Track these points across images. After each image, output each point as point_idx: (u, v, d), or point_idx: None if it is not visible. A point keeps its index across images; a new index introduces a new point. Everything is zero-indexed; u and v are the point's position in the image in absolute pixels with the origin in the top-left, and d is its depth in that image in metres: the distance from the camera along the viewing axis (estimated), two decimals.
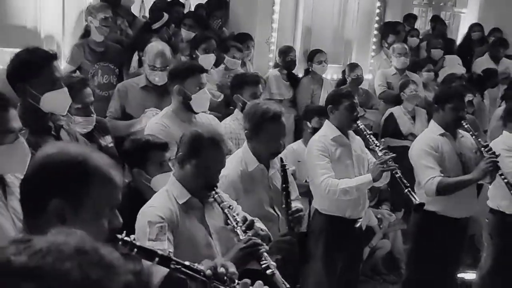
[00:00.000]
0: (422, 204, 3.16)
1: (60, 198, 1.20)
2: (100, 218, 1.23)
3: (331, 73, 5.63)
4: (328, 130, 3.43)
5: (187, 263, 1.36)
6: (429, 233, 3.56)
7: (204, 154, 2.12)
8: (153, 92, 3.67)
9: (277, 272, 1.86)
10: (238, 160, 2.74)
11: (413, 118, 5.23)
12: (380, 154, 3.25)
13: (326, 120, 3.49)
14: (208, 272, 1.35)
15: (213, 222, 2.18)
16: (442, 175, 3.39)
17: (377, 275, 4.84)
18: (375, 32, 6.25)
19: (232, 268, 1.38)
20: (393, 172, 3.16)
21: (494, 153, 3.37)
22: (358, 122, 3.42)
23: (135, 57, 4.52)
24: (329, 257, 3.46)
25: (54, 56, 2.36)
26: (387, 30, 6.27)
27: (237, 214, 2.16)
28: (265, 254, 1.94)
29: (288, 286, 1.79)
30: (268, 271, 1.88)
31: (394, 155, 3.24)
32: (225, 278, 1.35)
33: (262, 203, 2.67)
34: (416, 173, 3.52)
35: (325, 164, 3.28)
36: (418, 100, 5.21)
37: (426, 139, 3.53)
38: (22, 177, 1.93)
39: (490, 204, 3.78)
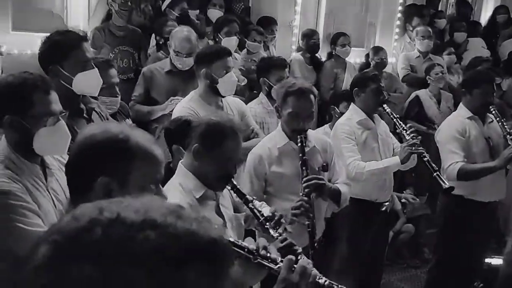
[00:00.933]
0: (451, 188, 3.13)
1: (106, 176, 1.23)
2: (145, 194, 1.26)
3: (354, 57, 5.57)
4: (354, 113, 3.42)
5: (231, 239, 1.38)
6: (457, 217, 3.54)
7: (225, 145, 2.01)
8: (178, 76, 3.69)
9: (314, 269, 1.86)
10: (270, 136, 2.80)
11: (439, 102, 5.17)
12: (408, 137, 3.23)
13: (352, 104, 3.48)
14: (252, 247, 1.36)
15: (225, 211, 2.15)
16: (465, 160, 3.36)
17: (401, 259, 4.84)
18: (399, 15, 6.16)
19: (274, 254, 1.39)
20: (421, 155, 3.14)
21: None
22: (384, 105, 3.40)
23: (153, 41, 4.51)
24: (355, 240, 3.47)
25: (84, 38, 2.38)
26: (412, 13, 6.17)
27: (259, 207, 2.14)
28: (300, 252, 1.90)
29: (325, 281, 1.76)
30: None
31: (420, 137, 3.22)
32: (268, 255, 1.36)
33: (290, 179, 2.68)
34: (441, 157, 3.50)
35: (351, 147, 3.27)
36: (444, 82, 5.14)
37: (454, 123, 3.50)
38: (61, 159, 1.99)
39: None
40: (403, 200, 4.93)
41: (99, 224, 0.55)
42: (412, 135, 3.23)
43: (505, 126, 3.45)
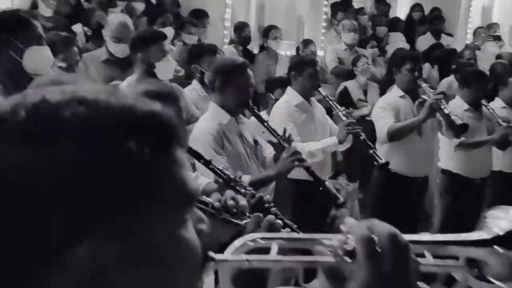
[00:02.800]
0: (387, 163, 3.27)
1: None
2: None
3: (285, 49, 5.71)
4: (291, 96, 3.50)
5: None
6: (388, 194, 3.72)
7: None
8: (115, 65, 3.60)
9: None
10: (211, 116, 2.71)
11: (365, 92, 5.40)
12: (343, 118, 3.36)
13: (289, 87, 3.56)
14: (217, 204, 1.34)
15: None
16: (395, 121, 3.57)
17: None
18: (325, 9, 6.40)
19: (243, 201, 1.37)
20: (357, 135, 3.26)
21: (441, 92, 3.63)
22: (320, 89, 3.52)
23: (81, 32, 4.37)
24: (297, 221, 3.53)
25: (34, 15, 2.37)
26: (336, 8, 6.43)
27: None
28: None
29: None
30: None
31: (359, 115, 3.36)
32: (235, 210, 1.35)
33: (240, 155, 2.69)
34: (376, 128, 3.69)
35: (290, 129, 3.34)
36: (370, 73, 5.39)
37: (386, 100, 3.73)
38: None
39: (440, 165, 4.01)
40: (337, 186, 5.10)
41: (23, 107, 0.52)
42: (347, 115, 3.36)
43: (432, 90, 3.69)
